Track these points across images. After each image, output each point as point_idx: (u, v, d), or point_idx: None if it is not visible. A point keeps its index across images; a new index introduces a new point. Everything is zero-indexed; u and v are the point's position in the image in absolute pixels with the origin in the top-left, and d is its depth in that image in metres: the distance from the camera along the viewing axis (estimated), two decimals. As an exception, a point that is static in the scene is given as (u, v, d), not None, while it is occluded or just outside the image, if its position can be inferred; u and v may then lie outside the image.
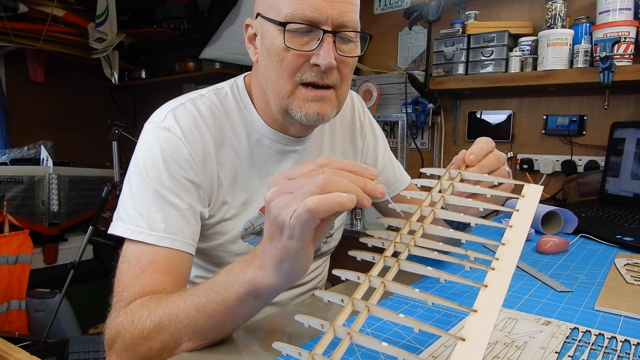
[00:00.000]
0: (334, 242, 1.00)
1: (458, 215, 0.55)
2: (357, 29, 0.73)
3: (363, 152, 1.02)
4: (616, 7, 1.55)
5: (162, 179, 0.71)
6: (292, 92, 0.73)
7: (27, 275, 2.32)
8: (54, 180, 2.59)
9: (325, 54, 0.69)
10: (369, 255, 0.50)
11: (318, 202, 0.44)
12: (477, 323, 0.40)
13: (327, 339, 0.39)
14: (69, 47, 2.92)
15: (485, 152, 0.68)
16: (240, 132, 0.81)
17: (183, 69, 3.05)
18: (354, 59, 0.76)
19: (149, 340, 0.57)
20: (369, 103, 2.16)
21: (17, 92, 3.10)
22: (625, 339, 0.57)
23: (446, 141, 2.19)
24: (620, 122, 1.56)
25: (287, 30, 0.70)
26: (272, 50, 0.72)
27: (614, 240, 1.06)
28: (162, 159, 0.72)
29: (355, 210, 2.23)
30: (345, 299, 0.42)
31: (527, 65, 1.77)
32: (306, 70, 0.72)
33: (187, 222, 0.72)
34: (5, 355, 0.87)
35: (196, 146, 0.75)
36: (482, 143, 0.69)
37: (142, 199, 0.70)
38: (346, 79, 0.76)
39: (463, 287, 0.76)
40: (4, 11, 2.45)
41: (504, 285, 0.43)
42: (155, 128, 0.74)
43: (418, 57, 2.28)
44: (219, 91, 0.83)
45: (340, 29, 0.71)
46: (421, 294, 0.42)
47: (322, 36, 0.69)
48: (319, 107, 0.73)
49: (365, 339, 0.38)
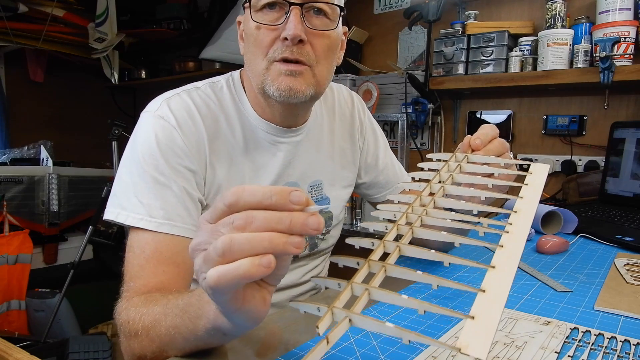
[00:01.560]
0: (332, 240, 0.99)
1: (455, 216, 0.51)
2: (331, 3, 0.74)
3: (364, 151, 1.02)
4: (616, 7, 1.55)
5: (159, 166, 0.72)
6: (267, 69, 0.74)
7: (27, 275, 2.32)
8: (54, 180, 2.59)
9: (291, 25, 0.70)
10: (368, 242, 0.45)
11: (218, 277, 0.36)
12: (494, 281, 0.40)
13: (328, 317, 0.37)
14: (69, 47, 2.92)
15: (490, 138, 0.68)
16: (234, 124, 0.82)
17: (183, 69, 3.05)
18: (332, 35, 0.76)
19: (142, 342, 0.58)
20: (369, 103, 2.16)
21: (17, 92, 3.09)
22: (625, 339, 0.57)
23: (446, 141, 2.19)
24: (620, 122, 1.56)
25: (255, 7, 0.72)
26: (248, 33, 0.75)
27: (614, 240, 1.06)
28: (158, 147, 0.73)
29: (355, 210, 2.23)
30: (322, 308, 0.37)
31: (527, 65, 1.78)
32: (278, 46, 0.73)
33: (186, 208, 0.73)
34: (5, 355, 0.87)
35: (190, 135, 0.76)
36: (486, 129, 0.69)
37: (141, 187, 0.71)
38: (323, 57, 0.76)
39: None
40: (4, 11, 2.45)
41: (519, 247, 0.42)
42: (151, 117, 0.76)
43: (418, 57, 2.28)
44: (215, 84, 0.85)
45: (308, 0, 0.72)
46: (425, 277, 0.39)
47: (289, 8, 0.71)
48: (290, 81, 0.73)
49: (368, 320, 0.36)
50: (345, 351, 0.54)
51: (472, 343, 0.33)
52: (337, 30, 0.77)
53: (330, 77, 0.81)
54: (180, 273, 0.69)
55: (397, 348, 0.55)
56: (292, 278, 0.93)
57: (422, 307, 0.36)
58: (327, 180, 0.94)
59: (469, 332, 0.34)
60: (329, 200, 0.95)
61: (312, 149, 0.91)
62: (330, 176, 0.95)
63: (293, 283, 0.93)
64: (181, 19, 3.08)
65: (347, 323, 0.35)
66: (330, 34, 0.75)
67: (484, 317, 0.35)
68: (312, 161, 0.91)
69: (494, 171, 0.60)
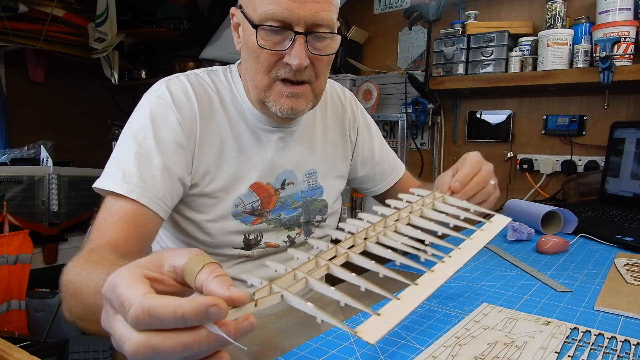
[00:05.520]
0: (328, 229, 1.00)
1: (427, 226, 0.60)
2: (332, 26, 0.76)
3: (359, 145, 1.05)
4: (616, 7, 1.55)
5: (147, 139, 0.75)
6: (269, 87, 0.78)
7: (27, 275, 2.32)
8: (54, 180, 2.59)
9: (296, 55, 0.73)
10: (324, 244, 0.53)
11: None
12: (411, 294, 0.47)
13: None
14: (69, 47, 2.92)
15: (470, 177, 0.73)
16: (229, 109, 0.85)
17: (183, 69, 3.03)
18: (330, 55, 0.79)
19: (69, 302, 0.57)
20: (369, 103, 2.16)
21: (17, 92, 3.09)
22: (625, 339, 0.57)
23: (446, 141, 2.19)
24: (620, 122, 1.56)
25: (260, 30, 0.73)
26: (249, 46, 0.77)
27: (614, 240, 1.06)
28: (151, 122, 0.76)
29: (355, 210, 2.23)
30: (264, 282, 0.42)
31: (527, 65, 1.78)
32: (280, 67, 0.76)
33: (163, 182, 0.74)
34: (5, 355, 0.87)
35: (184, 112, 0.79)
36: (467, 168, 0.74)
37: (124, 155, 0.74)
38: (322, 73, 0.79)
39: (462, 287, 0.77)
40: (4, 11, 2.45)
41: (446, 275, 0.50)
42: (150, 96, 0.80)
43: (418, 57, 2.28)
44: (212, 72, 0.88)
45: (313, 29, 0.73)
46: (358, 279, 0.45)
47: (294, 37, 0.72)
48: (293, 103, 0.77)
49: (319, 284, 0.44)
50: (345, 351, 0.54)
51: (368, 330, 0.40)
52: (336, 46, 0.79)
53: (326, 82, 0.85)
54: (137, 236, 0.70)
55: (397, 348, 0.55)
56: None
57: (344, 300, 0.42)
58: (321, 170, 0.96)
59: (370, 323, 0.41)
60: (323, 189, 0.97)
61: (305, 138, 0.93)
62: (324, 166, 0.97)
63: None
64: (181, 19, 3.08)
65: (278, 297, 0.41)
66: (330, 55, 0.78)
67: (388, 316, 0.42)
68: (306, 150, 0.93)
69: (461, 214, 0.65)
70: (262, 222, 0.88)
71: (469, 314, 0.65)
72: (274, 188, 0.89)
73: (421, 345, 0.56)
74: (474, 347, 0.55)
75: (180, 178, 0.77)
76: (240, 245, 0.87)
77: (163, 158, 0.75)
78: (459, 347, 0.55)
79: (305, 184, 0.93)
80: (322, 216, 0.97)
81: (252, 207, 0.86)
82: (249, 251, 0.88)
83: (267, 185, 0.88)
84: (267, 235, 0.89)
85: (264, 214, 0.88)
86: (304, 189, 0.93)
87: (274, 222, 0.89)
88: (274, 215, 0.89)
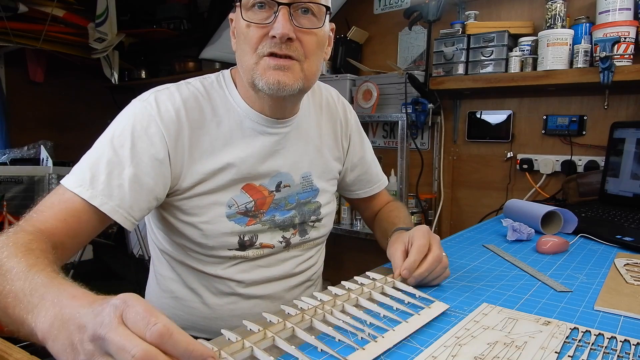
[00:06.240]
0: (324, 229, 1.00)
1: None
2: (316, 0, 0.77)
3: (350, 151, 1.05)
4: (616, 7, 1.55)
5: (124, 147, 0.75)
6: (256, 64, 0.78)
7: (27, 275, 2.32)
8: (54, 180, 2.58)
9: (279, 25, 0.74)
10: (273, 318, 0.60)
11: None
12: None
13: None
14: (69, 47, 2.92)
15: (419, 263, 0.75)
16: (221, 115, 0.85)
17: (183, 69, 3.04)
18: (319, 32, 0.80)
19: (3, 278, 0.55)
20: (369, 103, 2.16)
21: (17, 92, 3.09)
22: (625, 339, 0.57)
23: (446, 141, 2.19)
24: (620, 122, 1.56)
25: (245, 7, 0.76)
26: (239, 31, 0.80)
27: (613, 240, 1.06)
28: (131, 130, 0.77)
29: (354, 211, 2.23)
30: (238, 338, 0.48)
31: (527, 65, 1.78)
32: (266, 42, 0.76)
33: (130, 193, 0.74)
34: (5, 355, 0.87)
35: (170, 124, 0.79)
36: (414, 255, 0.75)
37: (96, 159, 0.74)
38: (311, 53, 0.80)
39: (462, 287, 0.77)
40: (4, 11, 2.45)
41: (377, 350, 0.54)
42: (137, 104, 0.80)
43: (418, 57, 2.28)
44: (205, 79, 0.89)
45: (296, 1, 0.75)
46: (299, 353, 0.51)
47: (277, 8, 0.74)
48: (279, 75, 0.77)
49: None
50: (345, 351, 0.54)
51: None
52: (324, 28, 0.81)
53: (319, 72, 0.85)
54: (76, 231, 0.70)
55: (397, 348, 0.55)
56: (286, 268, 0.94)
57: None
58: (316, 172, 0.97)
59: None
60: (319, 190, 0.97)
61: (300, 140, 0.93)
62: (319, 168, 0.97)
63: (287, 273, 0.94)
64: (181, 19, 3.08)
65: None
66: (318, 32, 0.79)
67: None
68: (302, 153, 0.93)
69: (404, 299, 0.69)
70: (257, 223, 0.88)
71: (469, 314, 0.65)
72: (268, 190, 0.89)
73: (421, 345, 0.56)
74: (474, 347, 0.55)
75: (152, 191, 0.77)
76: (235, 246, 0.87)
77: (135, 169, 0.75)
78: (459, 347, 0.55)
79: (301, 186, 0.94)
80: (317, 217, 0.97)
81: (246, 208, 0.87)
82: (244, 252, 0.88)
83: (259, 187, 0.88)
84: (262, 235, 0.90)
85: (258, 215, 0.88)
86: (299, 191, 0.93)
87: (269, 222, 0.90)
88: (268, 217, 0.89)
